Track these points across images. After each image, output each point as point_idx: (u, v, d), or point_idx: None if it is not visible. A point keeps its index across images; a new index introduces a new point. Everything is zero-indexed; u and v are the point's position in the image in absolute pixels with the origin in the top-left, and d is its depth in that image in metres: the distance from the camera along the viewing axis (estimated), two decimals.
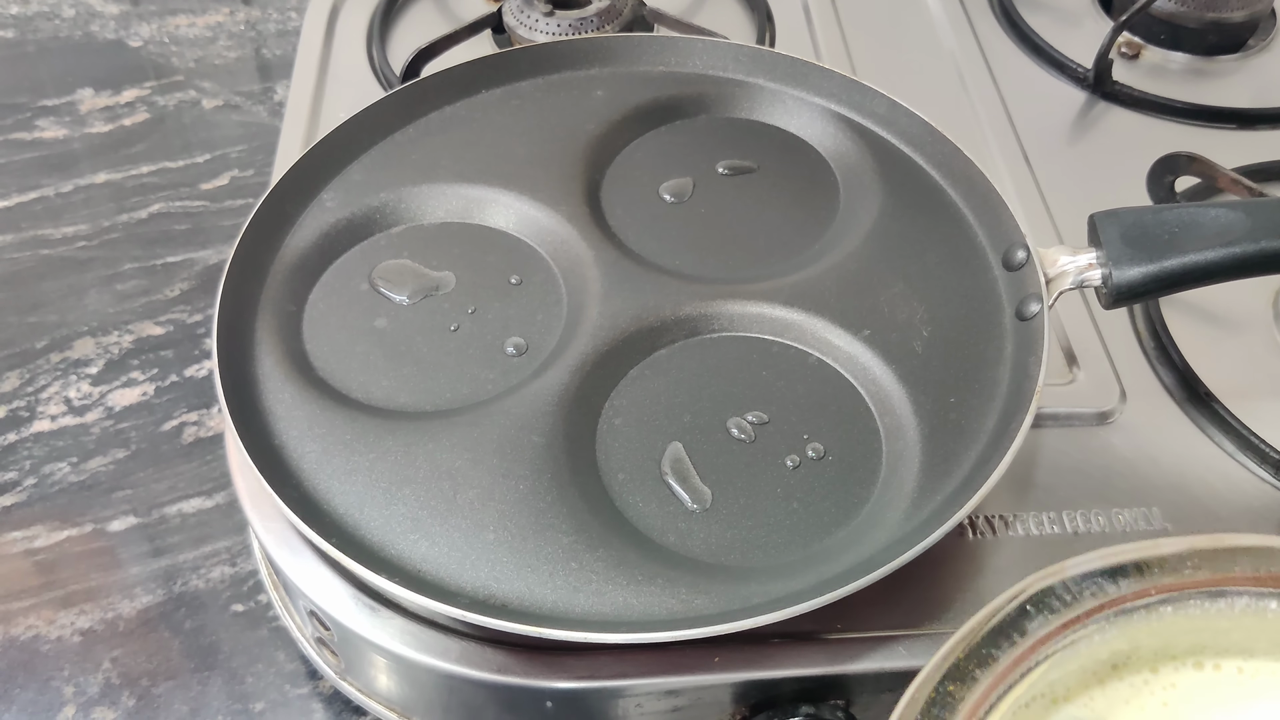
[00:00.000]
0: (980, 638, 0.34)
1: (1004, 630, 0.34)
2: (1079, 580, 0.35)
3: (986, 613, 0.34)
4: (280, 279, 0.53)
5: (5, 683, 0.54)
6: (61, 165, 0.78)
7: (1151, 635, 0.36)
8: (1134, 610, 0.35)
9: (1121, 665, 0.36)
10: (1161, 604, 0.35)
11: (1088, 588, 0.35)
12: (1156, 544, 0.36)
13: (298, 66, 0.74)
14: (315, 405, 0.49)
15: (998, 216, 0.55)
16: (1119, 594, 0.35)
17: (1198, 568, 0.36)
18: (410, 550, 0.44)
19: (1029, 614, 0.34)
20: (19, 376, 0.66)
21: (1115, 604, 0.35)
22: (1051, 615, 0.35)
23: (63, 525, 0.60)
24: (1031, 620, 0.34)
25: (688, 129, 0.62)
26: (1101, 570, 0.36)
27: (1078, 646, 0.35)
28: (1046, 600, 0.35)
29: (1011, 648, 0.34)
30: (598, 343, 0.51)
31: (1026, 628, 0.34)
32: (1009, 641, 0.34)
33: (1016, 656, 0.34)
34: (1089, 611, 0.35)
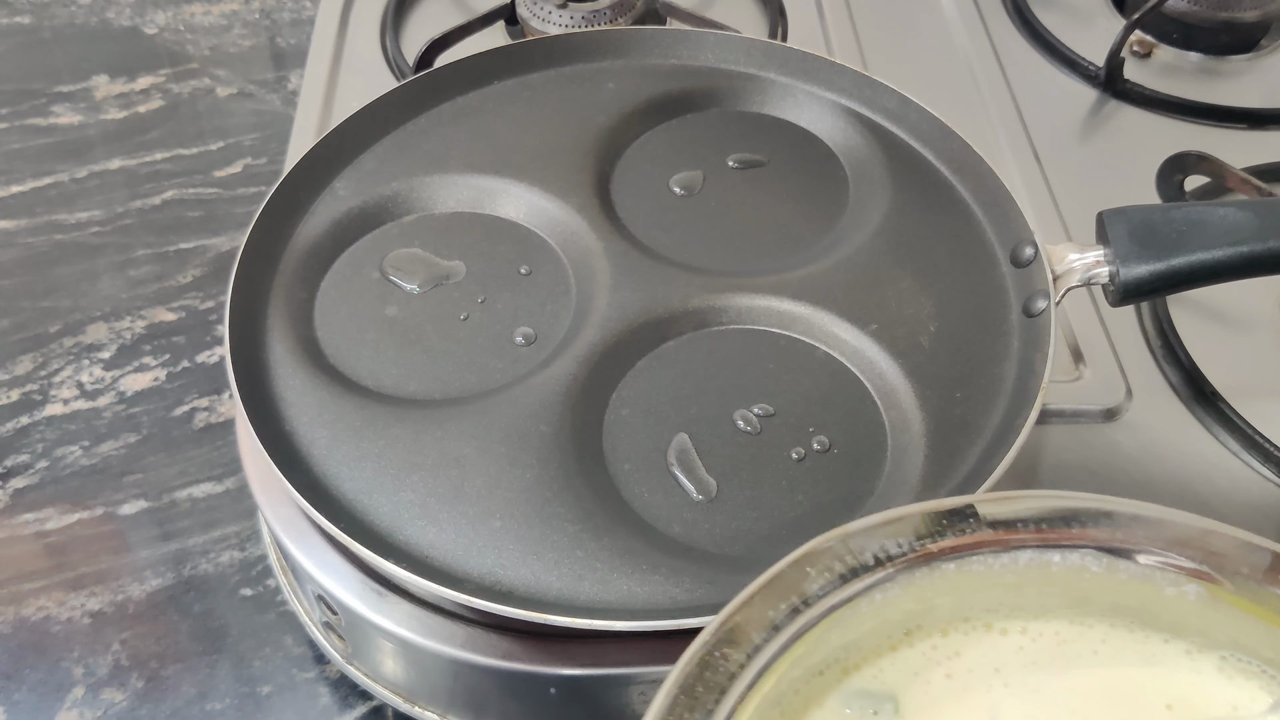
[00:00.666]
0: (756, 599, 0.33)
1: (781, 592, 0.33)
2: (860, 540, 0.34)
3: (766, 576, 0.33)
4: (292, 266, 0.54)
5: (16, 663, 0.54)
6: (76, 151, 0.78)
7: (940, 594, 0.35)
8: (916, 568, 0.34)
9: (914, 630, 0.36)
10: (945, 561, 0.34)
11: (869, 547, 0.34)
12: (941, 501, 0.35)
13: (312, 55, 0.75)
14: (325, 392, 0.49)
15: (1006, 213, 0.55)
16: (900, 553, 0.34)
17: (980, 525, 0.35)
18: (418, 536, 0.45)
19: (808, 575, 0.33)
20: (32, 360, 0.66)
21: (897, 562, 0.34)
22: (830, 575, 0.33)
23: (74, 508, 0.60)
24: (810, 581, 0.33)
25: (698, 122, 0.62)
26: (884, 529, 0.35)
27: (858, 606, 0.34)
28: (826, 561, 0.34)
29: (791, 610, 0.33)
30: (606, 334, 0.51)
31: (805, 589, 0.33)
32: (787, 603, 0.33)
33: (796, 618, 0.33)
34: (870, 569, 0.34)
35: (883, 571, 0.34)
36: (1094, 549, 0.34)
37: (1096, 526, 0.35)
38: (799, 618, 0.33)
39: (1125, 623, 0.36)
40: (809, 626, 0.33)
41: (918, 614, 0.35)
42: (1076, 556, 0.35)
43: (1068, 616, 0.36)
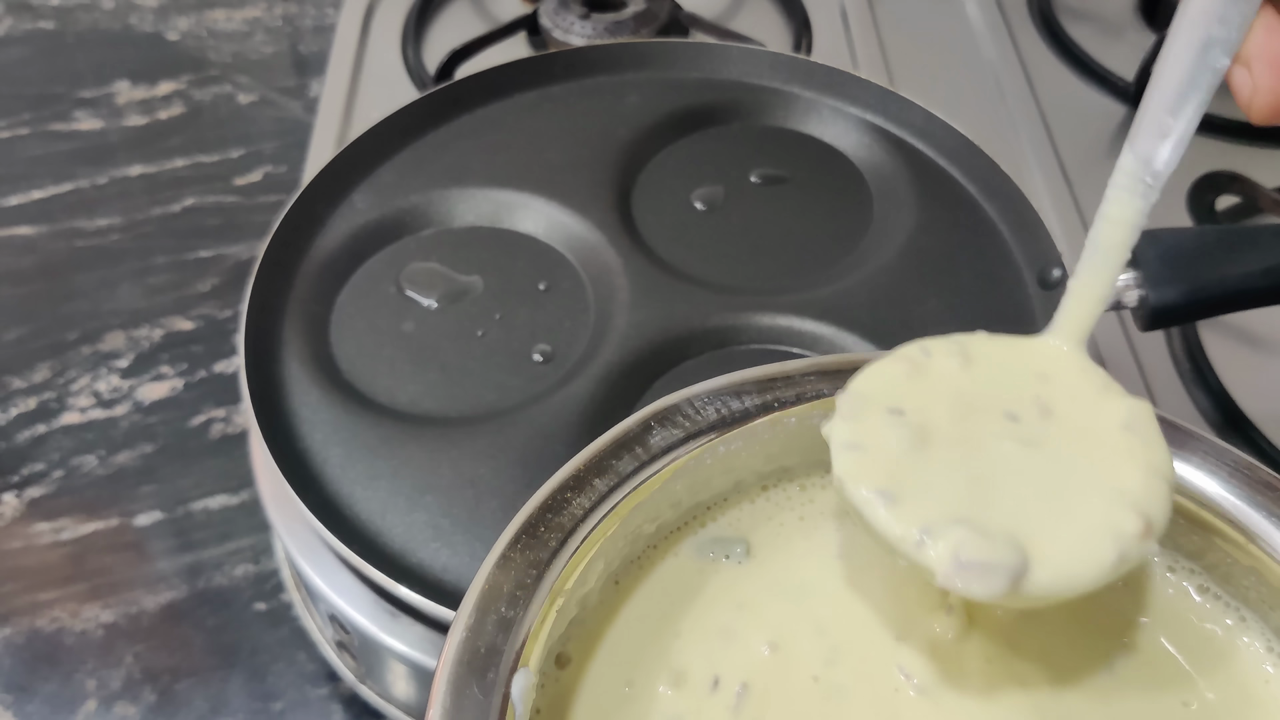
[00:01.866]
0: (603, 450, 0.35)
1: (626, 444, 0.35)
2: (703, 400, 0.36)
3: (611, 433, 0.35)
4: (309, 280, 0.53)
5: (29, 675, 0.54)
6: (97, 157, 0.78)
7: (788, 453, 0.37)
8: (757, 423, 0.36)
9: (771, 486, 0.38)
10: (787, 418, 0.36)
11: (711, 404, 0.36)
12: (783, 365, 0.37)
13: (332, 64, 0.75)
14: (340, 409, 0.49)
15: (1034, 233, 0.54)
16: (743, 409, 0.36)
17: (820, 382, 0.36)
18: (431, 558, 0.44)
19: (651, 429, 0.35)
20: (49, 368, 0.66)
21: (739, 418, 0.36)
22: (672, 430, 0.35)
23: (89, 518, 0.60)
24: (654, 435, 0.35)
25: (721, 136, 0.61)
26: (726, 389, 0.36)
27: (702, 458, 0.35)
28: (671, 417, 0.35)
29: (636, 462, 0.34)
30: (624, 352, 0.51)
31: (649, 441, 0.35)
32: (630, 454, 0.34)
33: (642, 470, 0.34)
34: (713, 426, 0.35)
35: (726, 429, 0.36)
36: None
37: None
38: (644, 470, 0.34)
39: None
40: (652, 475, 0.34)
41: (772, 474, 0.37)
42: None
43: None
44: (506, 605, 0.31)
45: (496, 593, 0.31)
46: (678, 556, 0.36)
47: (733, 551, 0.37)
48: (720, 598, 0.35)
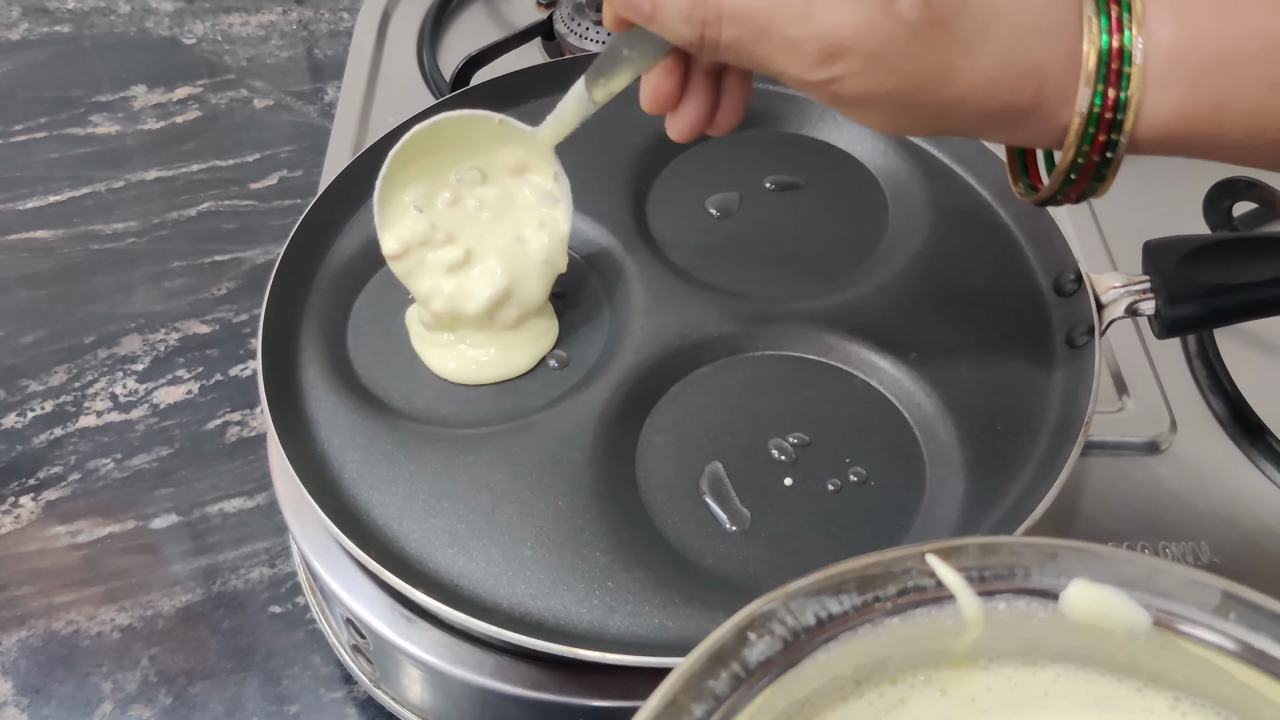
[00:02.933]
0: (698, 670, 0.32)
1: (723, 659, 0.32)
2: (801, 601, 0.33)
3: (706, 645, 0.32)
4: (326, 285, 0.53)
5: (45, 677, 0.54)
6: (114, 161, 0.79)
7: (887, 648, 0.34)
8: (859, 626, 0.33)
9: (864, 681, 0.35)
10: (888, 617, 0.34)
11: (810, 608, 0.33)
12: (882, 554, 0.35)
13: (349, 70, 0.75)
14: (357, 414, 0.49)
15: (1049, 240, 0.54)
16: (842, 611, 0.33)
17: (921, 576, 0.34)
18: (448, 564, 0.44)
19: (749, 640, 0.33)
20: (67, 371, 0.67)
21: (839, 622, 0.33)
22: (771, 639, 0.33)
23: (106, 521, 0.60)
24: (751, 647, 0.32)
25: (735, 143, 0.61)
26: (825, 585, 0.34)
27: (803, 669, 0.33)
28: (767, 624, 0.33)
29: (734, 679, 0.32)
30: (640, 358, 0.51)
31: (747, 656, 0.32)
32: (728, 671, 0.32)
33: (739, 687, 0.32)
34: (812, 631, 0.33)
35: (825, 632, 0.33)
36: (1040, 594, 0.34)
37: (1041, 571, 0.34)
38: (742, 686, 0.32)
39: (1077, 664, 0.35)
40: (752, 695, 0.32)
41: (867, 667, 0.35)
42: (1023, 603, 0.34)
43: (1018, 661, 0.35)
44: None
45: None
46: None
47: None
48: None
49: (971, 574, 0.34)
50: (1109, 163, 0.37)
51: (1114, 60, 0.35)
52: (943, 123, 0.37)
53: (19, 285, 0.71)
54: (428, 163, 0.50)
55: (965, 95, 0.36)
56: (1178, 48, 0.35)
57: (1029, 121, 0.37)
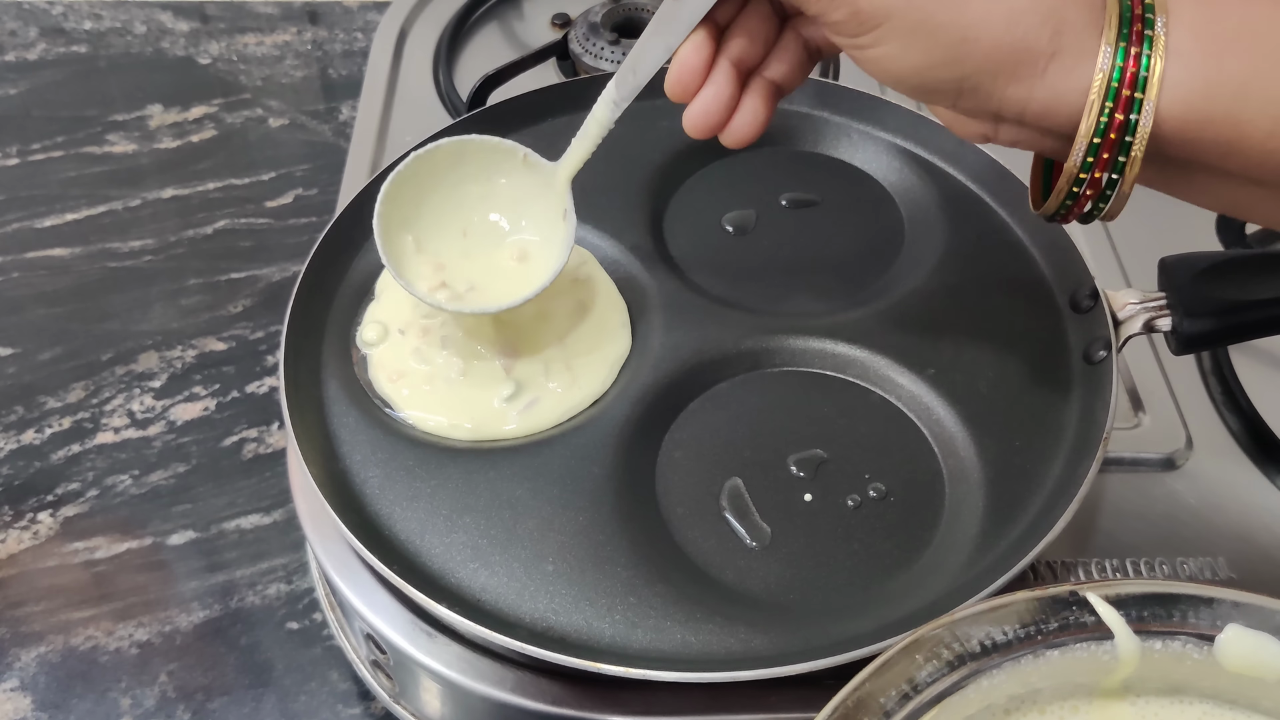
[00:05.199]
0: (868, 685, 0.34)
1: (892, 679, 0.34)
2: (967, 627, 0.35)
3: (876, 664, 0.34)
4: (346, 302, 0.54)
5: (64, 693, 0.54)
6: (130, 180, 0.79)
7: (1043, 679, 0.36)
8: (1022, 655, 0.35)
9: (1014, 710, 0.37)
10: (1049, 648, 0.36)
11: (975, 634, 0.35)
12: (1045, 589, 0.36)
13: (365, 89, 0.75)
14: (379, 429, 0.49)
15: (1065, 257, 0.54)
16: (1006, 641, 0.35)
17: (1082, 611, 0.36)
18: (470, 579, 0.44)
19: (916, 662, 0.35)
20: (84, 388, 0.67)
21: (1003, 651, 0.35)
22: (938, 662, 0.35)
23: (123, 537, 0.60)
24: (919, 668, 0.34)
25: (751, 161, 0.62)
26: (990, 616, 0.36)
27: (966, 692, 0.35)
28: (934, 648, 0.35)
29: (902, 697, 0.34)
30: (659, 374, 0.51)
31: (915, 676, 0.34)
32: (897, 690, 0.34)
33: (907, 704, 0.34)
34: (976, 657, 0.35)
35: (989, 659, 0.35)
36: (1195, 636, 0.35)
37: (1197, 615, 0.35)
38: (909, 703, 0.34)
39: (1224, 704, 0.36)
40: (919, 713, 0.34)
41: (1020, 697, 0.36)
42: (1178, 644, 0.35)
43: (1166, 698, 0.37)
44: None
45: None
46: None
47: None
48: None
49: (1130, 614, 0.35)
50: (1127, 149, 0.35)
51: (1136, 21, 0.35)
52: (958, 56, 0.36)
53: (36, 303, 0.72)
54: (437, 187, 0.50)
55: (983, 18, 0.35)
56: (1200, 20, 0.35)
57: (1047, 70, 0.36)
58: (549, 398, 0.50)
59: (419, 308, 0.52)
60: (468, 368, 0.50)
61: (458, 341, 0.51)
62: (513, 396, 0.50)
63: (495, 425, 0.49)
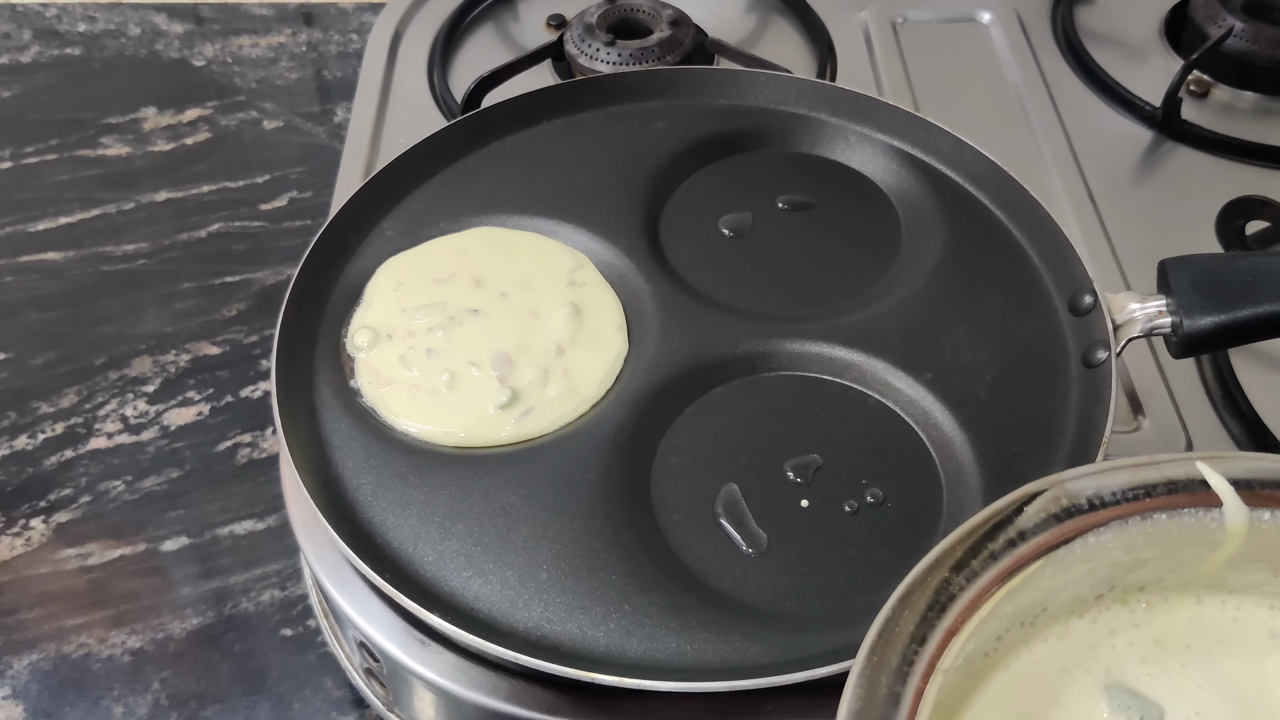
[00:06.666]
0: (978, 529, 0.34)
1: (1000, 525, 0.35)
2: (1077, 484, 0.36)
3: (985, 513, 0.35)
4: (339, 307, 0.53)
5: (56, 700, 0.54)
6: (124, 183, 0.79)
7: (1147, 547, 0.36)
8: (1130, 517, 0.35)
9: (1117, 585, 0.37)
10: (1159, 512, 0.36)
11: (1084, 491, 0.35)
12: (1154, 458, 0.37)
13: (359, 92, 0.75)
14: (372, 436, 0.49)
15: (1064, 259, 0.54)
16: (1115, 500, 0.35)
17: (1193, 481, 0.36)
18: (463, 587, 0.44)
19: (1025, 513, 0.35)
20: (77, 393, 0.66)
21: (1111, 509, 0.35)
22: (1045, 514, 0.35)
23: (117, 544, 0.60)
24: (1028, 518, 0.35)
25: (748, 163, 0.61)
26: (1100, 477, 0.36)
27: (1073, 547, 0.35)
28: (1043, 503, 0.35)
29: (1008, 543, 0.34)
30: (654, 379, 0.50)
31: (1023, 524, 0.35)
32: (1004, 535, 0.34)
33: (1013, 551, 0.34)
34: (1084, 511, 0.35)
35: (1098, 518, 0.35)
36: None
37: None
38: (1014, 549, 0.34)
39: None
40: (1027, 560, 0.34)
41: (1125, 565, 0.36)
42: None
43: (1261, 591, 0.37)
44: (894, 679, 0.32)
45: (884, 665, 0.32)
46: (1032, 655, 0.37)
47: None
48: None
49: (1239, 484, 0.35)
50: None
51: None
52: None
53: (29, 307, 0.71)
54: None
55: None
56: None
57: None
58: (545, 404, 0.50)
59: (408, 313, 0.52)
60: (461, 374, 0.50)
61: (450, 348, 0.51)
62: (508, 404, 0.49)
63: (490, 432, 0.49)
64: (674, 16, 0.74)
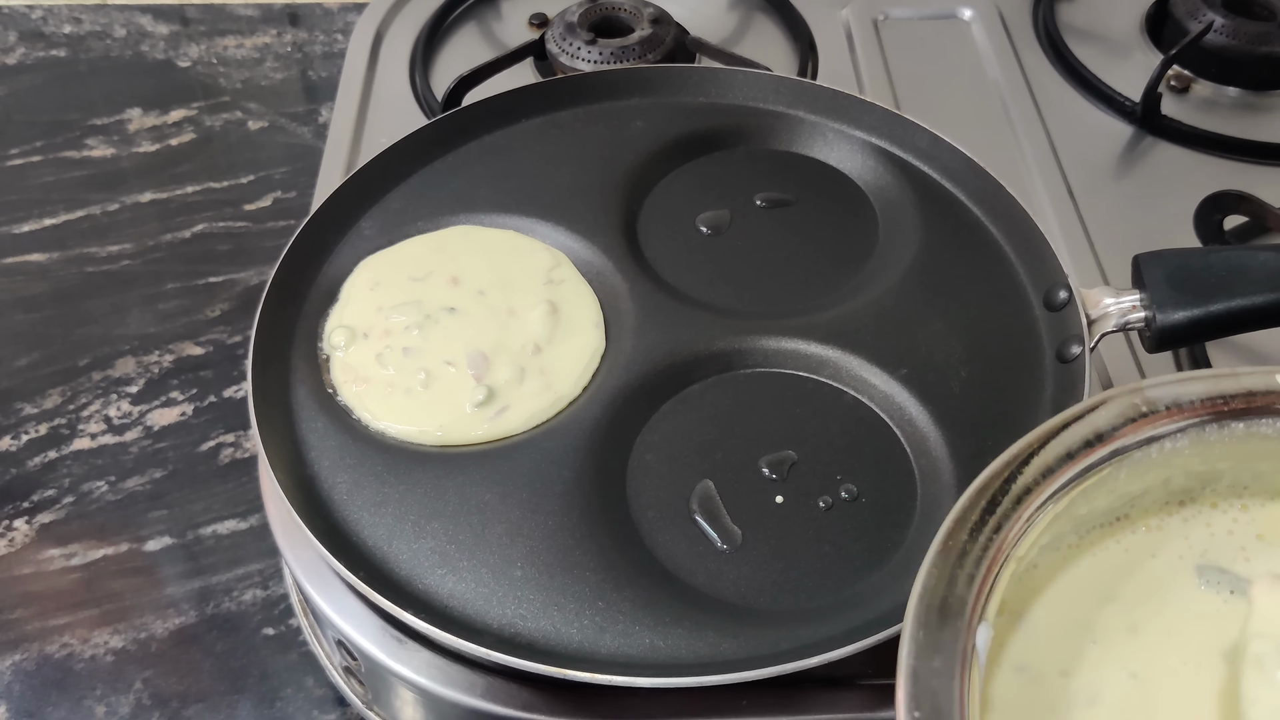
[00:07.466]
0: (1055, 430, 0.36)
1: (1074, 425, 0.36)
2: (1155, 392, 0.37)
3: (1061, 417, 0.36)
4: (317, 307, 0.54)
5: (39, 700, 0.54)
6: (109, 184, 0.79)
7: (1223, 458, 0.37)
8: (1206, 424, 0.36)
9: (1189, 501, 0.38)
10: (1235, 420, 0.37)
11: (1163, 398, 0.36)
12: (1234, 369, 0.38)
13: (341, 91, 0.75)
14: (347, 435, 0.49)
15: (1040, 255, 0.54)
16: (1191, 404, 0.36)
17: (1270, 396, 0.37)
18: (438, 585, 0.44)
19: (1104, 415, 0.36)
20: (61, 394, 0.67)
21: (1187, 412, 0.36)
22: (1122, 418, 0.36)
23: (100, 544, 0.60)
24: (1104, 420, 0.36)
25: (726, 160, 0.62)
26: (1176, 386, 0.37)
27: (1149, 451, 0.36)
28: (1119, 408, 0.36)
29: (1085, 443, 0.35)
30: (631, 376, 0.51)
31: (1098, 424, 0.36)
32: (1081, 436, 0.35)
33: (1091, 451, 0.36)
34: (1159, 415, 0.36)
35: (1173, 419, 0.36)
36: None
37: None
38: (1094, 451, 0.35)
39: None
40: (1103, 461, 0.35)
41: (1200, 476, 0.37)
42: None
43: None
44: (969, 562, 0.33)
45: (958, 549, 0.33)
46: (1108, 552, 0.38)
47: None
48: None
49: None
50: None
51: None
52: None
53: (14, 308, 0.71)
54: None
55: None
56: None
57: None
58: (521, 402, 0.50)
59: (384, 311, 0.52)
60: (437, 373, 0.50)
61: (426, 346, 0.51)
62: (484, 402, 0.49)
63: (466, 430, 0.49)
64: (655, 15, 0.74)
